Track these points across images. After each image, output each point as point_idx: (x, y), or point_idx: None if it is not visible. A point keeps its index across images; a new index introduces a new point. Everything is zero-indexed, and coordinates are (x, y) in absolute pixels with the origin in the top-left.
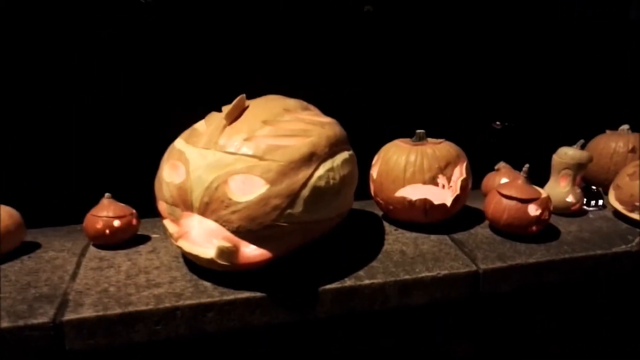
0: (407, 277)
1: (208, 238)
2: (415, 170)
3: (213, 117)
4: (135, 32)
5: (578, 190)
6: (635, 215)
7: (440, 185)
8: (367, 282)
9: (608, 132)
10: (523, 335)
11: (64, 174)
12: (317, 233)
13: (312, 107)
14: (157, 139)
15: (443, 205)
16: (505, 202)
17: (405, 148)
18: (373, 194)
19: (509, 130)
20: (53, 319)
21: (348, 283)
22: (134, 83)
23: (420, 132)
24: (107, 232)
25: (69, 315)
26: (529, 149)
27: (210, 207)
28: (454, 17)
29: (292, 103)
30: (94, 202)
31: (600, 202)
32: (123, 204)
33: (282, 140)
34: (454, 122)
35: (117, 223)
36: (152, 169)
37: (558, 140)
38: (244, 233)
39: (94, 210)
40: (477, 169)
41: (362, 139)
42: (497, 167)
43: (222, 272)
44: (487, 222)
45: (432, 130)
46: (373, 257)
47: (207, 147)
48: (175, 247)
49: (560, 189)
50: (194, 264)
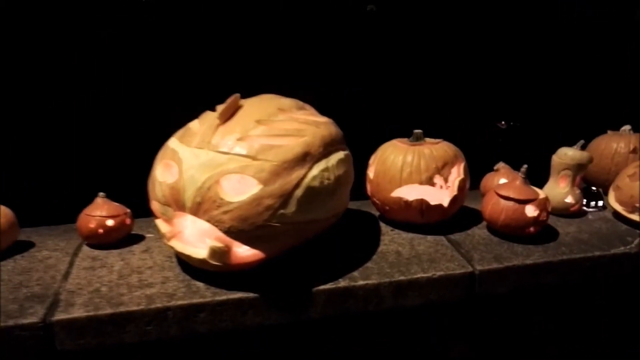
0: (402, 278)
1: (201, 238)
2: (412, 171)
3: (207, 116)
4: (135, 32)
5: (577, 191)
6: (635, 217)
7: (438, 186)
8: (361, 282)
9: (609, 132)
10: (520, 337)
11: (60, 173)
12: (310, 233)
13: (307, 106)
14: (156, 139)
15: (440, 206)
16: (503, 202)
17: (403, 148)
18: (370, 194)
19: (514, 130)
20: (43, 319)
21: (342, 284)
22: (134, 83)
23: (418, 132)
24: (100, 231)
25: (59, 315)
26: (529, 149)
27: (203, 207)
28: (454, 17)
29: (286, 102)
30: (91, 201)
31: (600, 203)
32: (117, 204)
33: (275, 140)
34: (454, 122)
35: (110, 222)
36: (150, 169)
37: (558, 141)
38: (236, 233)
39: (88, 210)
40: (476, 169)
41: (362, 139)
42: (496, 167)
43: (214, 272)
44: (484, 222)
45: (431, 130)
46: (368, 257)
47: (200, 146)
48: (169, 247)
49: (560, 190)
50: (187, 264)
